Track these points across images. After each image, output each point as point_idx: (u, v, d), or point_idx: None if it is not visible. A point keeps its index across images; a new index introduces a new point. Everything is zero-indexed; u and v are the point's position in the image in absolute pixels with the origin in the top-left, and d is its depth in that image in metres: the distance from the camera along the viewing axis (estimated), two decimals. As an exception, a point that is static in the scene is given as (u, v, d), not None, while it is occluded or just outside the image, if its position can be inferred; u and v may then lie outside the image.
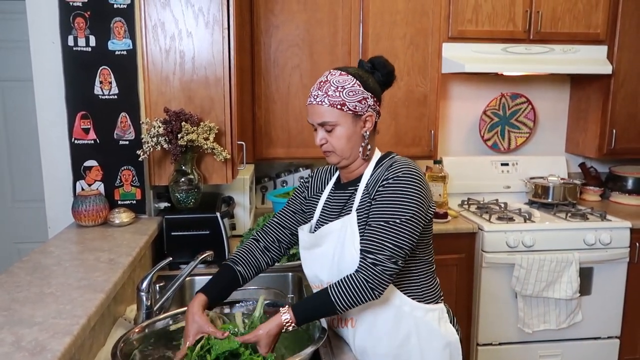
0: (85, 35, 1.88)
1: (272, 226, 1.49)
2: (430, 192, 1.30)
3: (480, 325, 2.65)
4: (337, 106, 1.25)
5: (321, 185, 1.46)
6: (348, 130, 1.28)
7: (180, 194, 2.00)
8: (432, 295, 1.35)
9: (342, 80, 1.26)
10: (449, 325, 1.35)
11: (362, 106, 1.27)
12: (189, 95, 2.00)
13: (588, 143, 3.11)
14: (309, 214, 1.46)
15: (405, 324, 1.30)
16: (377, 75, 1.32)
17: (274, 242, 1.48)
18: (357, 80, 1.26)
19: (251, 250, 1.45)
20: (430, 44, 2.75)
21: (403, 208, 1.21)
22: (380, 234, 1.20)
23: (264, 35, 2.65)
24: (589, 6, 2.84)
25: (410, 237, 1.21)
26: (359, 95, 1.26)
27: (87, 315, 1.13)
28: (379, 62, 1.33)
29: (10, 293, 1.24)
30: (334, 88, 1.25)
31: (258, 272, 1.45)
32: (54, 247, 1.64)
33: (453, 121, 3.24)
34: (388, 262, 1.18)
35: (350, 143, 1.29)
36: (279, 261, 1.54)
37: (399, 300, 1.29)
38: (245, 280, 1.41)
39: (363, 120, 1.29)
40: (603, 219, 2.72)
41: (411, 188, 1.22)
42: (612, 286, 2.69)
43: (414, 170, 1.26)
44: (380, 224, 1.21)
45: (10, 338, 1.01)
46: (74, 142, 1.93)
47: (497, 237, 2.58)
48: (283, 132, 2.74)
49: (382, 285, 1.19)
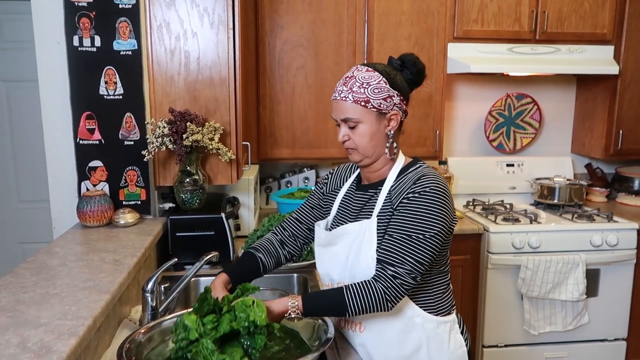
0: (90, 35, 1.88)
1: (290, 221, 1.51)
2: (453, 206, 1.27)
3: (485, 327, 2.63)
4: (361, 103, 1.22)
5: (340, 182, 1.45)
6: (371, 128, 1.25)
7: (185, 195, 1.99)
8: (445, 307, 1.32)
9: (368, 76, 1.23)
10: (459, 336, 1.34)
11: (387, 104, 1.24)
12: (194, 96, 1.99)
13: (594, 144, 3.10)
14: (326, 210, 1.45)
15: (415, 335, 1.27)
16: (405, 73, 1.29)
17: (291, 237, 1.49)
18: (383, 77, 1.23)
19: (270, 242, 1.48)
20: (435, 44, 2.74)
21: (428, 224, 1.18)
22: (402, 247, 1.18)
23: (268, 35, 2.65)
24: (595, 6, 2.83)
25: (431, 254, 1.19)
26: (384, 92, 1.23)
27: (92, 316, 1.12)
28: (409, 60, 1.29)
29: (16, 294, 1.24)
30: (359, 84, 1.22)
31: (278, 264, 1.47)
32: (59, 248, 1.63)
33: (458, 121, 3.23)
34: (407, 277, 1.17)
35: (373, 141, 1.26)
36: (298, 257, 1.54)
37: (411, 312, 1.27)
38: (266, 269, 1.43)
39: (387, 119, 1.26)
40: (610, 220, 2.70)
41: (438, 205, 1.19)
42: (619, 288, 2.67)
43: (442, 186, 1.22)
44: (403, 237, 1.18)
45: (15, 339, 1.01)
46: (79, 143, 1.93)
47: (503, 238, 2.56)
48: (288, 132, 2.74)
49: (398, 299, 1.18)
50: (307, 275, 1.87)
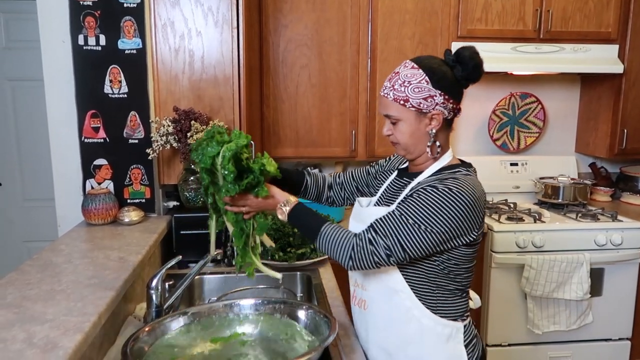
0: (95, 34, 1.89)
1: (346, 174, 1.58)
2: (477, 219, 1.20)
3: (489, 326, 2.63)
4: (400, 101, 1.22)
5: (393, 167, 1.48)
6: (411, 126, 1.24)
7: (189, 193, 2.00)
8: (449, 311, 1.27)
9: (411, 74, 1.22)
10: (460, 347, 1.27)
11: (427, 104, 1.21)
12: (198, 94, 2.00)
13: (598, 143, 3.09)
14: (375, 187, 1.49)
15: (412, 327, 1.25)
16: (457, 70, 1.23)
17: (339, 185, 1.57)
18: (426, 75, 1.21)
19: (323, 177, 1.58)
20: (439, 43, 2.73)
21: (431, 218, 1.15)
22: (394, 223, 1.17)
23: (272, 34, 2.65)
24: (600, 5, 2.82)
25: (422, 247, 1.17)
26: (424, 92, 1.21)
27: (97, 312, 1.13)
28: (464, 55, 1.22)
29: (22, 290, 1.25)
30: (401, 82, 1.22)
31: (318, 197, 1.57)
32: (64, 245, 1.64)
33: (462, 121, 3.22)
34: (381, 250, 1.17)
35: (413, 139, 1.25)
36: (336, 205, 1.62)
37: (409, 302, 1.25)
38: (306, 191, 1.54)
39: (429, 118, 1.24)
40: (614, 219, 2.69)
41: (454, 207, 1.15)
42: (624, 287, 2.67)
43: (469, 193, 1.16)
44: (402, 217, 1.17)
45: (22, 335, 1.02)
46: (84, 141, 1.94)
47: (507, 238, 2.56)
48: (291, 131, 2.74)
49: (363, 264, 1.19)
50: (311, 274, 1.88)
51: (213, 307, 1.38)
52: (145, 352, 1.19)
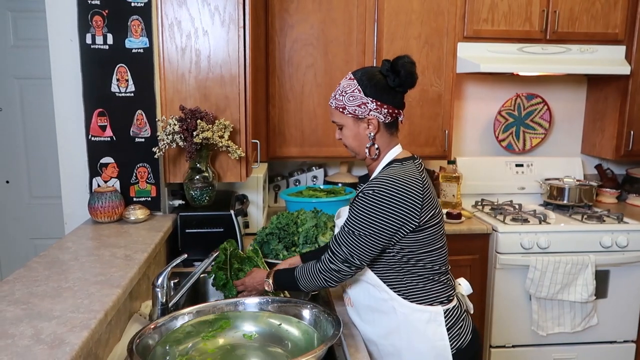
0: (103, 33, 1.90)
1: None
2: (411, 209, 1.28)
3: (493, 327, 2.63)
4: (340, 109, 1.38)
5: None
6: (352, 130, 1.39)
7: (195, 192, 2.01)
8: (426, 297, 1.35)
9: (347, 85, 1.37)
10: (441, 329, 1.34)
11: (361, 110, 1.35)
12: (205, 93, 2.01)
13: (605, 144, 3.07)
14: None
15: (390, 317, 1.36)
16: (390, 78, 1.34)
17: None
18: (359, 85, 1.35)
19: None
20: (445, 43, 2.73)
21: (361, 223, 1.29)
22: (340, 238, 1.33)
23: (278, 34, 2.66)
24: (607, 6, 2.81)
25: (369, 249, 1.30)
26: (358, 100, 1.35)
27: (104, 309, 1.14)
28: (399, 64, 1.32)
29: (29, 287, 1.26)
30: (340, 92, 1.38)
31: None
32: (71, 243, 1.66)
33: (467, 121, 3.22)
34: (341, 264, 1.32)
35: (356, 141, 1.40)
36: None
37: (386, 294, 1.35)
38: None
39: (365, 123, 1.37)
40: (620, 221, 2.68)
41: (377, 207, 1.27)
42: (629, 289, 2.66)
43: (388, 189, 1.28)
44: (343, 229, 1.33)
45: (29, 331, 1.03)
46: (91, 139, 1.95)
47: (512, 239, 2.56)
48: (297, 131, 2.75)
49: (336, 279, 1.34)
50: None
51: (218, 306, 1.39)
52: (151, 349, 1.20)
